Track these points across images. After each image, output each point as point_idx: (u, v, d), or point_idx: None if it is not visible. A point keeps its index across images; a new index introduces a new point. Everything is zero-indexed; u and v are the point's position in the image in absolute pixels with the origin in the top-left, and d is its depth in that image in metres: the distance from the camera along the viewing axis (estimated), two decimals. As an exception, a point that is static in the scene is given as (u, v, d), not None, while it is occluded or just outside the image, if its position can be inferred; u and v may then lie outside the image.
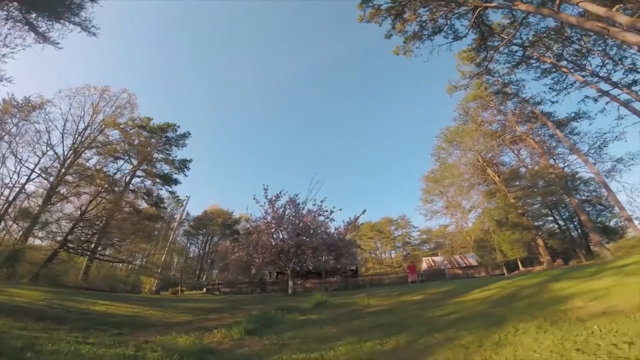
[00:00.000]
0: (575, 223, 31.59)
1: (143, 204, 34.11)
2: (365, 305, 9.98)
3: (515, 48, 24.79)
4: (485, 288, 9.05)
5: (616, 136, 27.17)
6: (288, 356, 3.99)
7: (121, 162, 31.92)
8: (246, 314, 8.10)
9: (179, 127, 34.71)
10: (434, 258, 50.20)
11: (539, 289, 6.96)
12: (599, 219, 29.44)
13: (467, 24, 20.34)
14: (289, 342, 4.99)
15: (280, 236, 19.09)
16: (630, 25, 11.69)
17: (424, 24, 20.92)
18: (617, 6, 13.51)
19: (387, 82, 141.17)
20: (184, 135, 35.07)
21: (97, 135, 28.89)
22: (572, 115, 28.67)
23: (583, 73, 24.59)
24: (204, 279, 59.94)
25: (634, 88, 22.92)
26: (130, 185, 32.69)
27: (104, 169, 28.91)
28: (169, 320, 7.06)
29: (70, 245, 22.97)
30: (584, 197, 27.88)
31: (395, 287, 17.13)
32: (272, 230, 19.01)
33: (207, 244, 65.67)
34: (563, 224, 32.22)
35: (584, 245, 30.28)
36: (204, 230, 64.67)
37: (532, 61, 25.88)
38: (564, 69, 24.17)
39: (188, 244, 64.88)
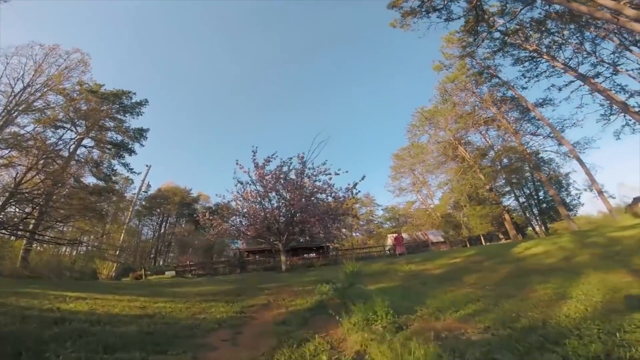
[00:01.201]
0: (536, 200, 33.86)
1: (92, 179, 29.56)
2: (413, 270, 8.90)
3: (497, 35, 25.35)
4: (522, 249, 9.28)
5: (574, 123, 29.24)
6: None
7: (63, 130, 27.07)
8: (286, 293, 6.40)
9: (134, 94, 30.40)
10: (395, 235, 51.73)
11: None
12: (560, 195, 31.88)
13: (465, 6, 20.96)
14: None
15: (270, 206, 16.83)
16: (637, 17, 12.90)
17: (424, 2, 20.72)
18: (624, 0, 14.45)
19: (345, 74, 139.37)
20: (140, 103, 30.75)
21: (36, 98, 23.90)
22: (540, 100, 30.40)
23: (554, 63, 25.61)
24: (160, 262, 55.39)
25: (597, 80, 24.57)
26: (76, 156, 27.83)
27: (43, 137, 23.98)
28: (222, 316, 4.42)
29: (3, 225, 18.52)
30: (546, 175, 29.62)
31: (395, 259, 16.21)
32: (260, 199, 16.57)
33: (163, 225, 60.38)
34: (524, 200, 34.38)
35: (542, 220, 32.76)
36: (159, 210, 59.21)
37: (509, 48, 26.81)
38: (545, 57, 25.02)
39: (140, 226, 59.14)
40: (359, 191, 16.74)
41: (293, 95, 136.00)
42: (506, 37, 25.07)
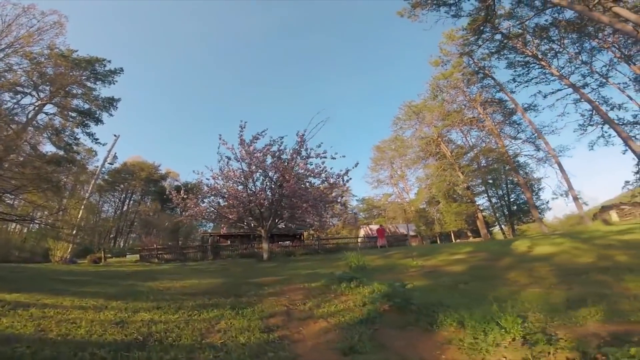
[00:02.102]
0: (506, 201, 34.89)
1: (52, 148, 26.44)
2: (425, 266, 8.12)
3: (498, 37, 25.86)
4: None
5: (553, 130, 30.06)
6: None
7: (23, 96, 24.10)
8: (294, 292, 5.26)
9: (109, 62, 27.65)
10: (371, 226, 51.90)
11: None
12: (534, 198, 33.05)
13: (476, 5, 21.58)
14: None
15: (254, 187, 15.26)
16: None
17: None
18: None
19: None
20: (114, 71, 27.89)
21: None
22: (526, 105, 30.96)
23: (550, 70, 25.92)
24: (121, 244, 51.66)
25: (584, 90, 25.25)
26: (35, 122, 24.75)
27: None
28: (247, 339, 2.91)
29: None
30: (523, 178, 30.42)
31: (384, 252, 15.43)
32: (244, 179, 14.93)
33: (126, 203, 56.24)
34: (497, 201, 35.36)
35: (511, 222, 33.89)
36: (122, 186, 54.94)
37: (506, 51, 27.16)
38: (543, 63, 25.21)
39: (100, 202, 54.70)
40: (351, 178, 15.63)
41: (284, 74, 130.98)
42: (507, 40, 25.17)
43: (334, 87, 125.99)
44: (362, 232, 48.96)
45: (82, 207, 22.04)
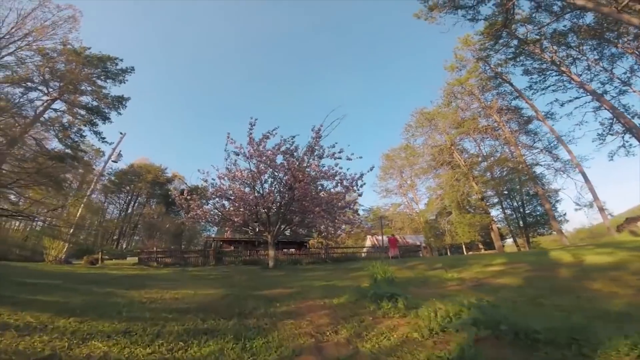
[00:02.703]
0: (521, 213, 33.10)
1: (58, 145, 25.70)
2: (464, 280, 6.72)
3: (514, 42, 25.09)
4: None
5: (570, 140, 28.62)
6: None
7: (35, 92, 23.75)
8: (315, 312, 3.93)
9: (121, 60, 27.16)
10: (377, 237, 50.06)
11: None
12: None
13: (494, 9, 21.09)
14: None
15: (262, 190, 13.96)
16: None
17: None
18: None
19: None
20: (125, 70, 27.34)
21: (8, 53, 20.84)
22: (543, 114, 29.55)
23: (571, 76, 24.71)
24: (123, 246, 50.44)
25: (606, 96, 23.80)
26: (42, 118, 24.20)
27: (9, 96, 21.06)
28: None
29: None
30: (543, 189, 28.73)
31: (392, 262, 13.86)
32: (252, 180, 13.71)
33: (131, 205, 55.28)
34: (511, 213, 33.61)
35: (526, 233, 32.04)
36: (128, 188, 54.05)
37: (522, 58, 26.14)
38: (564, 69, 24.23)
39: (105, 203, 53.83)
40: (365, 183, 14.22)
41: (293, 74, 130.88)
42: (524, 46, 24.18)
43: (344, 91, 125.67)
44: (368, 242, 47.26)
45: (82, 204, 20.88)
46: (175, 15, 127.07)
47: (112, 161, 22.98)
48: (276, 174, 13.23)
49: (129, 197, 55.32)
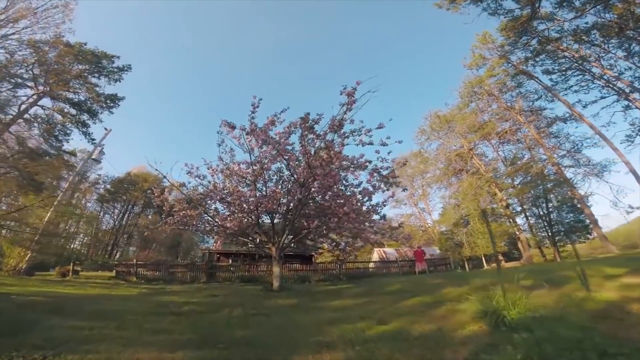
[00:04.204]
0: (547, 221, 29.42)
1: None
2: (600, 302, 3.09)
3: (534, 40, 22.60)
4: None
5: (595, 142, 25.46)
6: None
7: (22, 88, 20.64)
8: None
9: (118, 57, 24.00)
10: (385, 250, 46.08)
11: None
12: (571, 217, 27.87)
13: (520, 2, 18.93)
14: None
15: (265, 189, 10.26)
16: None
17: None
18: None
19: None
20: (122, 69, 24.38)
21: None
22: (567, 115, 26.60)
23: (604, 72, 21.88)
24: (117, 256, 46.44)
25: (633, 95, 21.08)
26: (26, 115, 21.15)
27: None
28: None
29: None
30: (577, 193, 25.16)
31: (418, 278, 10.10)
32: (250, 179, 10.08)
33: (126, 215, 51.53)
34: (538, 220, 29.97)
35: (553, 243, 28.27)
36: (124, 197, 50.48)
37: (544, 56, 23.62)
38: (594, 64, 21.95)
39: (101, 212, 50.26)
40: (398, 177, 10.56)
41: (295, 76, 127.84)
42: (547, 43, 21.50)
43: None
44: (375, 255, 43.14)
45: (53, 206, 17.45)
46: (175, 15, 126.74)
47: (93, 159, 19.55)
48: (287, 162, 9.42)
49: (125, 207, 51.74)
